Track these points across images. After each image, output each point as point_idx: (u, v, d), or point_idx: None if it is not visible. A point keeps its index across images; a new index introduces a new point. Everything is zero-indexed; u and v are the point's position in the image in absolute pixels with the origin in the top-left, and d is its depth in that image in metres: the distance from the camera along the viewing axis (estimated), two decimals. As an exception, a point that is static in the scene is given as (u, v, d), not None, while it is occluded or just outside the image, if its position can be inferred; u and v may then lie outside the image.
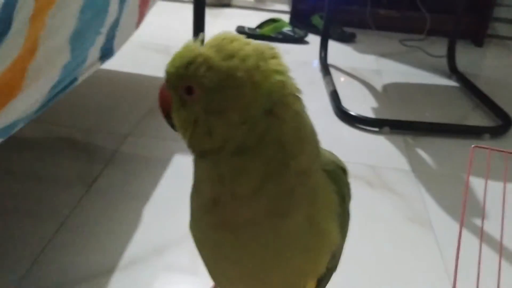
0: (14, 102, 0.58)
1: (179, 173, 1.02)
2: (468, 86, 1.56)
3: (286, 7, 2.31)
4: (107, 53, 0.88)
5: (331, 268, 0.47)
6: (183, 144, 0.41)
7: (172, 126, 0.41)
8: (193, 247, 0.82)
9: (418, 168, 1.12)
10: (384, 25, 2.07)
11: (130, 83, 1.44)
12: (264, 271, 0.40)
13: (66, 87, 0.74)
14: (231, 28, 1.94)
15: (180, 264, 0.79)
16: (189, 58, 0.36)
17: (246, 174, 0.36)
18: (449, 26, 1.73)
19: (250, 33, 1.89)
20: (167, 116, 0.40)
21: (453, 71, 1.67)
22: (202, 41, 0.38)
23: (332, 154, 0.45)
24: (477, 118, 1.40)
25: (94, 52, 0.81)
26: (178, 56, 0.38)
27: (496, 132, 1.28)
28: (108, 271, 0.76)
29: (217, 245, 0.40)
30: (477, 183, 1.06)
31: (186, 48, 0.38)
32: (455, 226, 0.94)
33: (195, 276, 0.77)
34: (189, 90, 0.36)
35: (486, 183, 0.54)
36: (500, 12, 2.11)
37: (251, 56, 0.35)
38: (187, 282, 0.76)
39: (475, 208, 0.99)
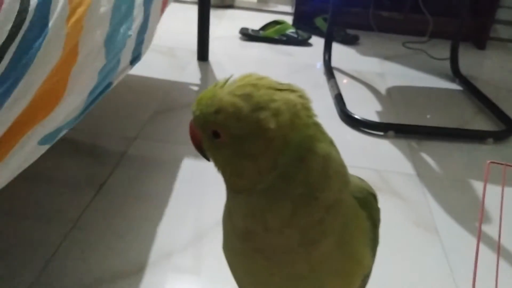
0: (58, 108, 0.59)
1: (187, 176, 1.03)
2: (471, 90, 1.57)
3: (289, 9, 2.31)
4: (136, 57, 0.91)
5: (361, 287, 0.48)
6: (190, 147, 0.43)
7: (206, 157, 0.43)
8: (199, 251, 0.83)
9: (422, 172, 1.13)
10: (386, 27, 2.08)
11: (135, 85, 1.44)
12: None
13: (102, 91, 0.76)
14: (235, 30, 1.95)
15: (189, 267, 0.80)
16: (217, 107, 0.37)
17: (276, 210, 0.37)
18: (451, 29, 1.73)
19: (253, 35, 1.89)
20: (199, 148, 0.42)
21: (456, 74, 1.68)
22: (226, 82, 0.39)
23: (363, 180, 0.47)
24: (480, 122, 1.41)
25: (126, 55, 0.83)
26: (204, 100, 0.39)
27: (499, 137, 1.29)
28: (118, 275, 0.77)
29: (250, 269, 0.42)
30: (489, 193, 1.07)
31: (213, 92, 0.38)
32: (460, 230, 0.94)
33: (203, 279, 0.78)
34: (216, 134, 0.38)
35: (502, 201, 0.55)
36: (503, 14, 2.12)
37: (284, 112, 0.36)
38: (194, 285, 0.77)
39: (486, 219, 1.00)
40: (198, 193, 0.99)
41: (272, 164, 0.36)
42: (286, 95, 0.37)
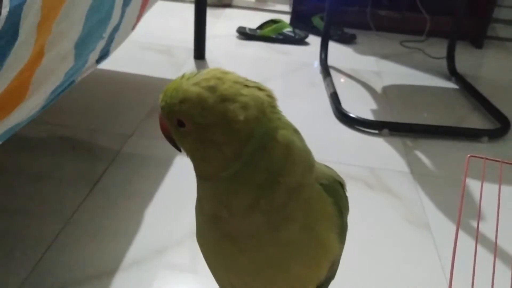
0: (19, 108, 0.59)
1: (181, 173, 1.03)
2: (468, 88, 1.57)
3: (286, 8, 2.32)
4: (103, 56, 0.91)
5: (330, 276, 0.49)
6: None
7: (176, 147, 0.44)
8: (194, 247, 0.84)
9: (417, 170, 1.14)
10: (384, 26, 2.08)
11: (132, 83, 1.45)
12: (266, 279, 0.42)
13: (64, 90, 0.76)
14: (232, 29, 1.95)
15: (181, 264, 0.81)
16: (181, 97, 0.38)
17: (240, 195, 0.38)
18: (449, 28, 1.74)
19: (250, 34, 1.90)
20: (170, 139, 0.44)
21: (452, 73, 1.69)
22: (192, 77, 0.40)
23: (330, 168, 0.48)
24: (476, 121, 1.41)
25: (93, 56, 0.83)
26: (169, 91, 0.40)
27: (494, 135, 1.29)
28: (111, 271, 0.77)
29: (220, 255, 0.43)
30: (474, 187, 1.07)
31: (178, 84, 0.39)
32: (453, 227, 0.95)
33: (196, 275, 0.78)
34: (181, 123, 0.39)
35: (481, 192, 0.56)
36: (501, 13, 2.12)
37: (251, 107, 0.37)
38: (189, 282, 0.77)
39: (471, 211, 1.00)
40: (193, 190, 1.00)
41: (236, 153, 0.38)
42: (254, 92, 0.39)
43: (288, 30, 1.91)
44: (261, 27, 1.94)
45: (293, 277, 0.43)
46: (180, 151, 0.44)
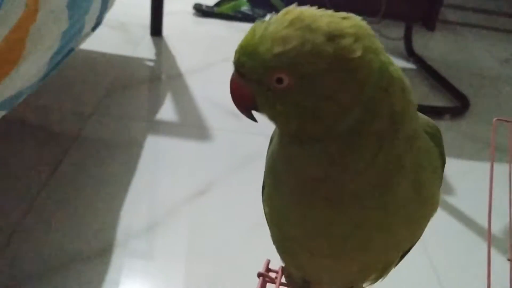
0: (18, 69, 0.55)
1: (146, 154, 0.98)
2: (426, 69, 1.60)
3: (241, -14, 2.26)
4: (98, 23, 0.88)
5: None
6: (149, 123, 0.37)
7: (253, 118, 0.36)
8: (161, 234, 0.80)
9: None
10: (341, 6, 2.07)
11: (85, 60, 1.35)
12: (363, 244, 0.37)
13: (64, 56, 0.72)
14: (188, 5, 1.88)
15: (145, 252, 0.77)
16: (279, 45, 0.31)
17: (359, 151, 0.32)
18: (403, 10, 1.76)
19: (207, 11, 1.83)
20: (250, 108, 0.35)
21: (410, 54, 1.71)
22: (273, 23, 0.32)
23: (423, 115, 0.41)
24: (435, 99, 1.44)
25: (90, 20, 0.79)
26: (251, 46, 0.32)
27: (456, 113, 1.32)
28: (73, 260, 0.72)
29: (308, 220, 0.36)
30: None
31: (262, 33, 0.32)
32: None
33: (157, 263, 0.75)
34: (280, 80, 0.32)
35: (510, 166, 0.55)
36: (449, -2, 2.18)
37: (363, 38, 0.31)
38: (153, 271, 0.74)
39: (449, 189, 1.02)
40: (154, 174, 0.95)
41: (354, 99, 0.31)
42: (354, 22, 0.32)
43: (246, 8, 1.86)
44: (218, 4, 1.88)
45: (395, 241, 0.38)
46: (256, 121, 0.37)
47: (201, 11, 1.84)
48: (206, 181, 0.95)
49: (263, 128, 0.42)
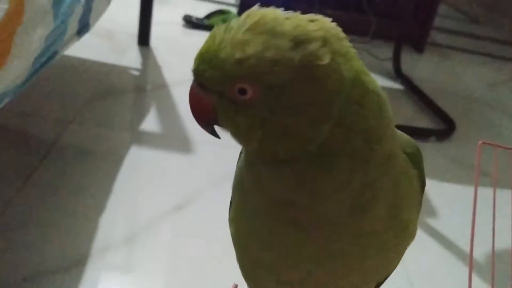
0: (3, 70, 0.54)
1: (127, 164, 0.95)
2: (413, 90, 1.60)
3: None
4: (84, 27, 0.86)
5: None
6: (131, 133, 0.34)
7: (215, 134, 0.33)
8: (137, 247, 0.77)
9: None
10: (330, 25, 2.08)
11: (69, 67, 1.33)
12: (335, 271, 0.34)
13: (48, 59, 0.70)
14: (178, 17, 1.86)
15: (122, 265, 0.74)
16: (239, 53, 0.28)
17: (331, 173, 0.29)
18: (393, 31, 1.77)
19: (197, 23, 1.82)
20: (210, 121, 0.32)
21: (398, 74, 1.71)
22: (233, 26, 0.30)
23: (403, 133, 0.38)
24: (422, 121, 1.43)
25: (73, 23, 0.77)
26: (211, 52, 0.29)
27: (442, 135, 1.32)
28: (50, 270, 0.69)
29: (275, 245, 0.34)
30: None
31: (222, 38, 0.29)
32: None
33: (136, 277, 0.72)
34: (242, 91, 0.29)
35: (494, 186, 0.54)
36: (437, 21, 2.20)
37: (331, 40, 0.28)
38: (129, 283, 0.70)
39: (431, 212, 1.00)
40: (135, 185, 0.92)
41: (324, 113, 0.28)
42: (321, 24, 0.30)
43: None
44: (208, 16, 1.87)
45: (367, 269, 0.35)
46: (219, 138, 0.33)
47: (191, 23, 1.83)
48: (187, 194, 0.92)
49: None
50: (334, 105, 0.28)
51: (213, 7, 1.98)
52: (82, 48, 1.43)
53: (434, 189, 1.06)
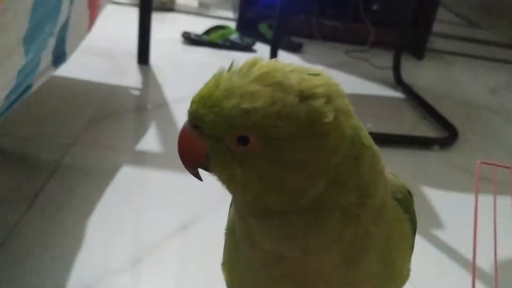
0: None
1: (130, 185, 0.95)
2: (414, 98, 1.60)
3: (230, 14, 2.28)
4: (59, 57, 0.84)
5: None
6: (133, 153, 0.34)
7: (198, 177, 0.33)
8: (139, 269, 0.77)
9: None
10: (329, 36, 2.09)
11: (70, 88, 1.34)
12: None
13: (21, 94, 0.69)
14: (177, 34, 1.87)
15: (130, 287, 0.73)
16: (247, 102, 0.28)
17: (323, 227, 0.29)
18: (392, 39, 1.77)
19: (196, 39, 1.83)
20: (199, 166, 0.32)
21: (399, 82, 1.71)
22: (237, 72, 0.30)
23: (396, 176, 0.39)
24: (424, 129, 1.43)
25: (46, 55, 0.75)
26: (214, 98, 0.29)
27: (445, 143, 1.31)
28: None
29: None
30: (433, 194, 1.07)
31: (228, 84, 0.29)
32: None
33: None
34: (243, 140, 0.28)
35: (494, 203, 0.53)
36: (437, 27, 2.20)
37: (334, 97, 0.29)
38: None
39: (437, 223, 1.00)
40: (139, 206, 0.92)
41: (322, 169, 0.28)
42: (324, 80, 0.30)
43: (235, 36, 1.86)
44: (207, 32, 1.88)
45: None
46: (202, 180, 0.33)
47: (190, 40, 1.84)
48: (191, 214, 0.92)
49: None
50: (333, 161, 0.29)
51: (211, 23, 1.99)
52: (82, 69, 1.45)
53: (437, 197, 1.05)
